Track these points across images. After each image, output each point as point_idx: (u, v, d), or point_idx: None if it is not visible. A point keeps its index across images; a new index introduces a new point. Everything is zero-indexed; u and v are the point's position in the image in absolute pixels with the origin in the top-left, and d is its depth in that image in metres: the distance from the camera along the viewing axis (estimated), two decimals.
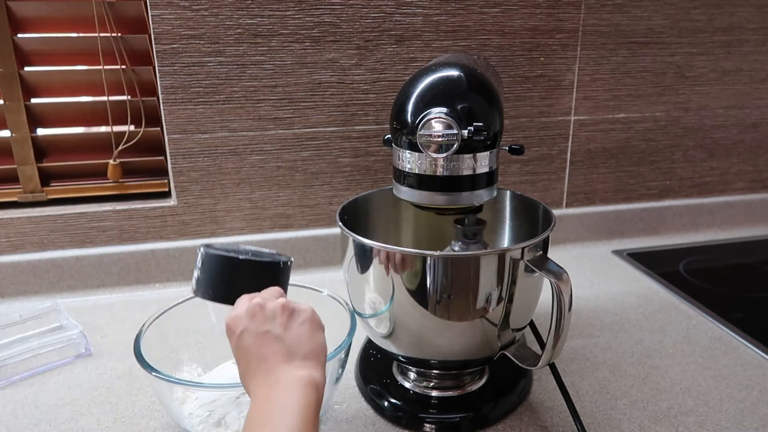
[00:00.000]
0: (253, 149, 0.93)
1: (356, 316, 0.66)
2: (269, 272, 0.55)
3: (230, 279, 0.54)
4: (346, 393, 0.69)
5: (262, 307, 0.49)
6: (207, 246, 0.56)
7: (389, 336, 0.63)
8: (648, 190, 1.13)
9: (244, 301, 0.50)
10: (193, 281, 0.55)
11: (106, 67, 0.90)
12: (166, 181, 0.97)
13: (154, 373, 0.56)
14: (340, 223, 0.64)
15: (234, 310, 0.50)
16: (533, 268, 0.57)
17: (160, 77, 0.87)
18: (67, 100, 0.93)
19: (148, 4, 0.84)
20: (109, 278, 0.94)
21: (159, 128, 0.94)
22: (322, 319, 0.68)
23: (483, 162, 0.60)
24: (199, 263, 0.55)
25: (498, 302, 0.59)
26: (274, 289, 0.52)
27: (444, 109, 0.57)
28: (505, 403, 0.66)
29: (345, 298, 0.68)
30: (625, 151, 1.10)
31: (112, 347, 0.79)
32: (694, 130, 1.12)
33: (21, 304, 0.89)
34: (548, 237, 0.62)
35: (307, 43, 0.90)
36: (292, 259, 0.58)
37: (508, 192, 0.76)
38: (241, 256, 0.54)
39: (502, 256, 0.58)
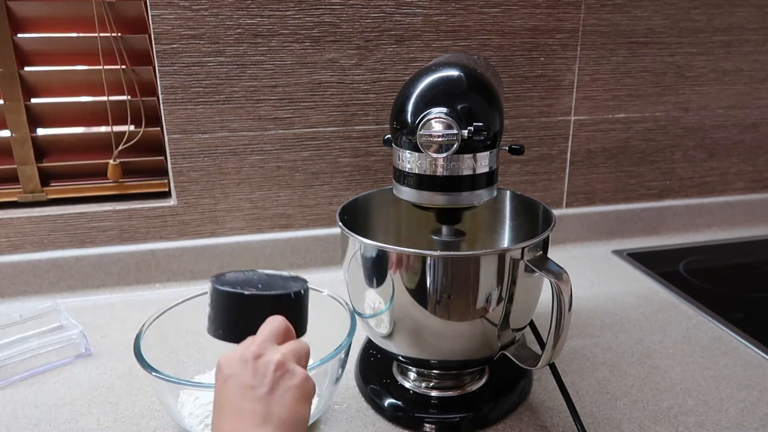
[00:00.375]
0: (253, 149, 0.93)
1: (356, 316, 0.66)
2: (280, 305, 0.52)
3: (238, 316, 0.51)
4: (346, 393, 0.69)
5: (256, 357, 0.46)
6: (217, 279, 0.53)
7: (389, 336, 0.63)
8: (648, 190, 1.13)
9: (245, 344, 0.47)
10: (207, 319, 0.53)
11: (106, 67, 0.90)
12: (166, 181, 0.97)
13: (154, 373, 0.56)
14: (340, 223, 0.64)
15: (231, 351, 0.47)
16: (533, 268, 0.57)
17: (160, 77, 0.87)
18: (67, 100, 0.93)
19: (148, 4, 0.84)
20: (109, 278, 0.94)
21: (159, 128, 0.94)
22: (322, 319, 0.68)
23: (483, 162, 0.60)
24: (208, 299, 0.53)
25: (498, 302, 0.59)
26: (276, 327, 0.49)
27: (444, 109, 0.57)
28: (505, 403, 0.66)
29: (345, 298, 0.68)
30: (625, 151, 1.10)
31: (112, 347, 0.79)
32: (694, 130, 1.12)
33: (21, 304, 0.89)
34: (548, 237, 0.62)
35: (307, 43, 0.90)
36: (307, 284, 0.55)
37: (508, 192, 0.76)
38: (246, 292, 0.50)
39: (502, 256, 0.58)
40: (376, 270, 0.60)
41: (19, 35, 0.88)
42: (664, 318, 0.85)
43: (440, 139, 0.56)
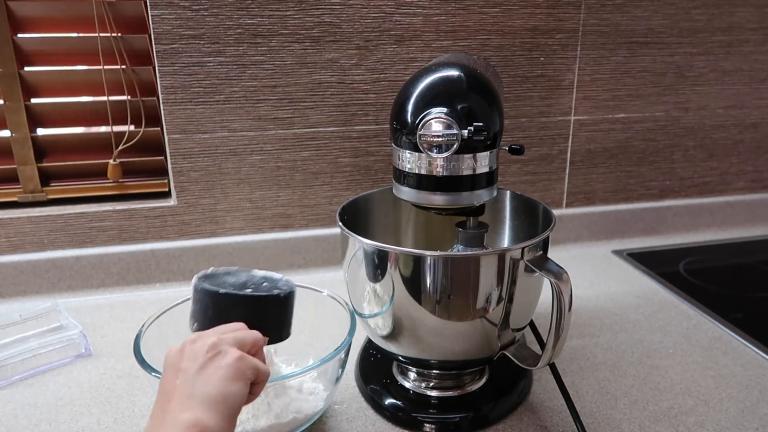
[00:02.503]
0: (253, 149, 0.93)
1: (356, 316, 0.66)
2: (255, 307, 0.53)
3: (213, 313, 0.53)
4: (346, 393, 0.69)
5: (192, 342, 0.47)
6: (203, 276, 0.55)
7: (389, 336, 0.63)
8: (648, 190, 1.13)
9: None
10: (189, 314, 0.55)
11: (106, 67, 0.90)
12: (166, 181, 0.97)
13: (154, 374, 0.56)
14: (340, 223, 0.64)
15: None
16: (533, 268, 0.57)
17: (160, 77, 0.87)
18: (67, 100, 0.93)
19: (148, 4, 0.84)
20: (109, 278, 0.94)
21: (159, 128, 0.94)
22: (322, 319, 0.68)
23: (483, 162, 0.60)
24: (191, 295, 0.55)
25: (498, 302, 0.59)
26: (234, 324, 0.50)
27: (444, 109, 0.57)
28: (505, 403, 0.66)
29: (345, 298, 0.68)
30: (625, 151, 1.10)
31: (112, 347, 0.79)
32: (694, 130, 1.12)
33: (21, 304, 0.89)
34: (548, 237, 0.62)
35: (307, 43, 0.90)
36: (292, 290, 0.55)
37: (508, 192, 0.76)
38: (221, 290, 0.52)
39: (502, 256, 0.58)
40: (376, 270, 0.60)
41: (19, 35, 0.88)
42: (664, 318, 0.85)
43: (440, 139, 0.56)
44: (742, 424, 0.63)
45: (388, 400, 0.66)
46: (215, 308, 0.52)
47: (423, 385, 0.68)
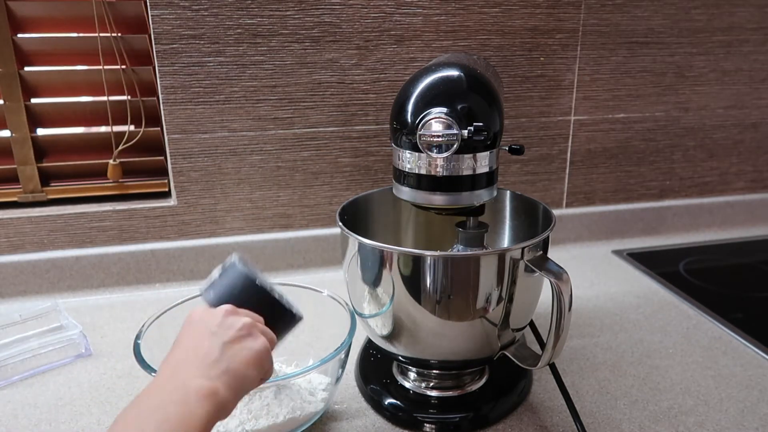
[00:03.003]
0: (253, 149, 0.93)
1: (356, 316, 0.66)
2: (273, 311, 0.54)
3: (238, 294, 0.53)
4: (346, 393, 0.69)
5: (227, 314, 0.48)
6: (241, 258, 0.55)
7: (389, 336, 0.63)
8: (648, 190, 1.13)
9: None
10: (208, 281, 0.54)
11: (106, 67, 0.90)
12: (166, 181, 0.97)
13: (153, 374, 0.56)
14: (340, 223, 0.64)
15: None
16: (533, 268, 0.57)
17: (160, 77, 0.87)
18: (67, 100, 0.93)
19: (148, 4, 0.84)
20: (109, 278, 0.94)
21: (159, 128, 0.94)
22: (323, 319, 0.69)
23: (483, 162, 0.60)
24: (221, 268, 0.55)
25: (498, 302, 0.59)
26: (258, 317, 0.51)
27: (444, 109, 0.57)
28: (505, 403, 0.66)
29: (345, 298, 0.68)
30: (625, 151, 1.10)
31: (112, 347, 0.79)
32: (694, 130, 1.12)
33: (21, 304, 0.89)
34: (548, 237, 0.62)
35: (307, 43, 0.90)
36: (300, 316, 0.56)
37: (508, 192, 0.76)
38: (257, 280, 0.53)
39: (502, 256, 0.58)
40: (376, 270, 0.60)
41: (19, 35, 0.88)
42: (664, 318, 0.85)
43: (440, 139, 0.56)
44: (742, 424, 0.63)
45: (388, 400, 0.66)
46: (243, 293, 0.53)
47: (423, 385, 0.68)
